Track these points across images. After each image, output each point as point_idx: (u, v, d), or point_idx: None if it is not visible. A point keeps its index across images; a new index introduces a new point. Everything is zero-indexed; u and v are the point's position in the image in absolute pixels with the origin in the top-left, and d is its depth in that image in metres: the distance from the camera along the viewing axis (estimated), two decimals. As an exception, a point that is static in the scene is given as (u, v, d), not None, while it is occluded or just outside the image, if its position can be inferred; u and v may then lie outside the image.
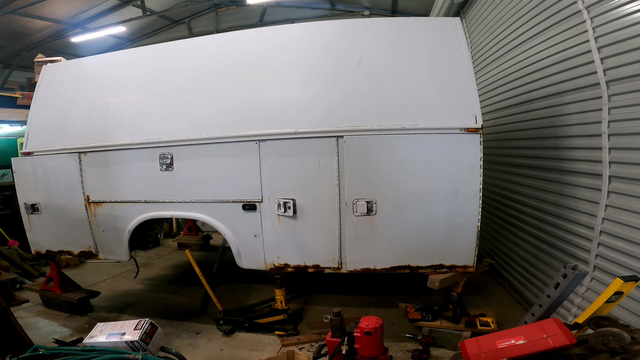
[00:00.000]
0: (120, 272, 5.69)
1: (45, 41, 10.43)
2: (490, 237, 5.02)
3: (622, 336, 1.17)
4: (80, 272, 5.72)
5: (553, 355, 1.35)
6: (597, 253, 2.89)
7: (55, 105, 3.98)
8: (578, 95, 3.18)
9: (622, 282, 1.61)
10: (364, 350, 2.45)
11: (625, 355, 1.14)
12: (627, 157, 2.67)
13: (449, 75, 3.12)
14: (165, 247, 7.22)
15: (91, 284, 5.13)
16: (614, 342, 1.17)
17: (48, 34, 10.32)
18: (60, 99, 3.98)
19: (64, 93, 3.99)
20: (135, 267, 4.58)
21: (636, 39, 2.50)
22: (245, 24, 10.74)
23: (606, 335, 1.21)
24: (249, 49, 3.53)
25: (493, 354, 1.38)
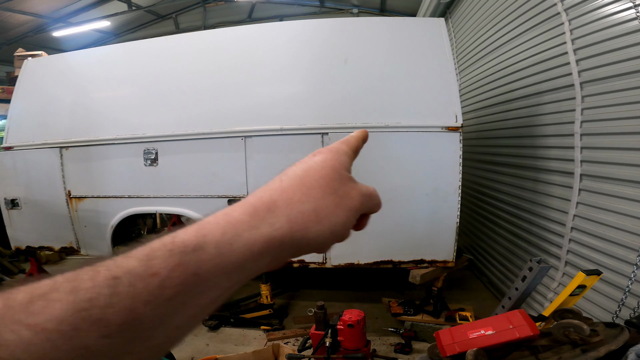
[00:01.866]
0: (103, 267, 5.61)
1: (26, 35, 10.06)
2: (470, 233, 5.17)
3: (582, 328, 1.26)
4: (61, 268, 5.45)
5: (521, 345, 1.44)
6: (569, 249, 3.02)
7: (36, 100, 3.90)
8: (554, 95, 3.28)
9: (585, 275, 1.72)
10: (347, 342, 2.52)
11: (584, 346, 1.23)
12: (597, 156, 2.78)
13: (431, 74, 3.20)
14: (150, 243, 7.14)
15: (73, 279, 5.05)
16: (574, 334, 1.26)
17: (29, 28, 9.95)
18: (42, 94, 3.91)
19: (46, 88, 3.92)
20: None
21: (610, 41, 2.58)
22: (233, 20, 10.60)
23: (567, 327, 1.30)
24: (236, 45, 3.53)
25: (464, 343, 1.47)
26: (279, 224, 0.34)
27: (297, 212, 0.35)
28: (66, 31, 9.97)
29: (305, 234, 0.35)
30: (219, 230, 0.32)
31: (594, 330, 1.31)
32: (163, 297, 0.28)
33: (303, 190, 0.36)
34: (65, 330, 0.24)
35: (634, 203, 2.42)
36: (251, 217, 0.33)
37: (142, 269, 0.28)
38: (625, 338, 1.20)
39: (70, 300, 0.25)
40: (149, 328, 0.27)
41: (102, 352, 0.25)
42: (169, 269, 0.28)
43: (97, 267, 0.28)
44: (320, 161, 0.39)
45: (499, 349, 1.48)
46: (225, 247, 0.31)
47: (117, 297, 0.26)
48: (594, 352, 1.18)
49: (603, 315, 2.57)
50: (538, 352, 1.35)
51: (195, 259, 0.30)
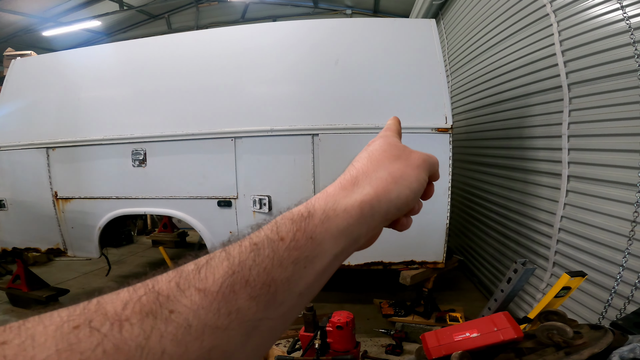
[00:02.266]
0: (91, 269, 5.54)
1: (16, 35, 9.88)
2: (460, 233, 5.19)
3: (565, 330, 1.26)
4: (49, 269, 5.54)
5: (506, 348, 1.45)
6: (556, 250, 3.05)
7: (23, 100, 3.84)
8: (543, 97, 3.30)
9: (569, 277, 1.73)
10: (336, 344, 2.52)
11: (568, 349, 1.24)
12: (584, 157, 2.81)
13: (422, 76, 3.21)
14: (139, 244, 7.07)
15: (60, 281, 4.98)
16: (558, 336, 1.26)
17: (18, 28, 9.78)
18: (29, 94, 3.85)
19: (33, 88, 3.86)
20: (106, 264, 4.48)
21: (598, 42, 2.59)
22: (226, 21, 10.52)
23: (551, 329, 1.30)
24: (227, 45, 3.50)
25: (450, 346, 1.47)
26: (366, 190, 0.40)
27: (376, 179, 0.42)
28: (56, 31, 9.83)
29: (388, 195, 0.41)
30: (322, 201, 0.39)
31: (577, 333, 1.32)
32: (290, 259, 0.33)
33: (374, 164, 0.43)
34: (225, 291, 0.29)
35: (620, 204, 2.45)
36: (343, 189, 0.41)
37: (273, 235, 0.34)
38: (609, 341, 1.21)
39: (226, 264, 0.30)
40: (281, 291, 0.32)
41: (250, 315, 0.29)
42: (292, 233, 0.34)
43: (241, 240, 0.34)
44: (377, 143, 0.47)
45: (485, 352, 1.48)
46: (330, 212, 0.37)
47: (259, 259, 0.32)
48: (577, 355, 1.18)
49: (590, 315, 2.59)
50: (523, 355, 1.35)
51: (310, 224, 0.36)
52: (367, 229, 0.40)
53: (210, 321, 0.27)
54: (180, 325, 0.26)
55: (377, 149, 0.46)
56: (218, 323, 0.28)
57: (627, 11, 2.31)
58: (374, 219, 0.40)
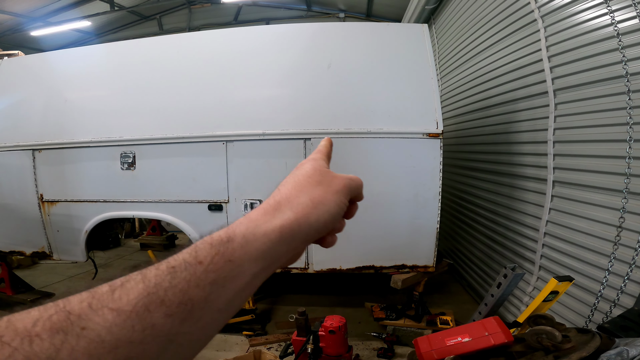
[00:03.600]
0: (77, 273, 5.43)
1: (4, 34, 9.64)
2: (450, 237, 5.26)
3: (554, 334, 1.29)
4: (33, 273, 5.40)
5: (497, 352, 1.48)
6: (542, 254, 3.11)
7: (9, 101, 3.75)
8: (529, 103, 3.35)
9: (557, 282, 1.77)
10: (329, 348, 2.52)
11: (557, 353, 1.27)
12: (569, 163, 2.87)
13: (414, 80, 3.24)
14: (127, 248, 6.95)
15: (45, 285, 4.86)
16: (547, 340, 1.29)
17: (6, 28, 9.54)
18: (15, 95, 3.76)
19: (19, 89, 3.77)
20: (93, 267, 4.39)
21: (583, 48, 2.64)
22: (219, 22, 10.45)
23: (540, 333, 1.33)
24: (218, 48, 3.48)
25: (442, 351, 1.49)
26: (287, 215, 0.42)
27: (297, 204, 0.44)
28: (45, 31, 9.63)
29: (308, 219, 0.43)
30: (243, 226, 0.41)
31: (566, 337, 1.35)
32: (207, 280, 0.35)
33: (297, 189, 0.46)
34: (139, 310, 0.31)
35: (604, 209, 2.52)
36: (265, 214, 0.43)
37: (191, 259, 0.36)
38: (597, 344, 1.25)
39: (141, 286, 0.32)
40: (198, 309, 0.34)
41: (165, 330, 0.32)
42: (210, 257, 0.36)
43: (157, 263, 0.35)
44: (304, 168, 0.50)
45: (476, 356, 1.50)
46: (249, 236, 0.40)
47: (176, 281, 0.34)
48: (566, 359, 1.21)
49: (576, 319, 2.65)
50: (513, 359, 1.38)
51: (229, 248, 0.38)
52: (287, 249, 0.42)
53: (124, 336, 0.29)
54: (93, 340, 0.28)
55: (302, 173, 0.48)
56: (133, 338, 0.30)
57: (615, 16, 2.36)
58: (294, 241, 0.43)
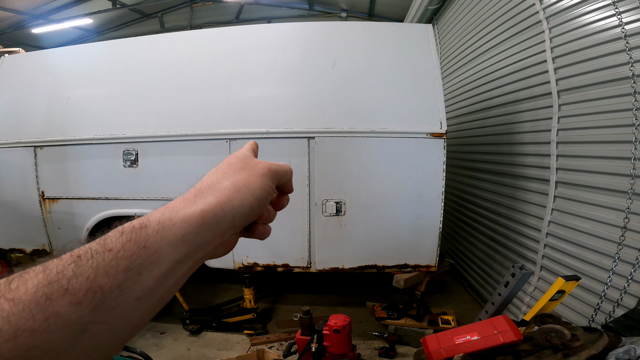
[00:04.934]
0: (78, 271, 5.41)
1: (4, 32, 9.58)
2: (451, 237, 5.27)
3: (563, 333, 1.30)
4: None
5: (504, 350, 1.48)
6: (544, 254, 3.12)
7: (11, 98, 3.73)
8: (532, 103, 3.37)
9: (564, 281, 1.78)
10: (333, 347, 2.52)
11: (566, 351, 1.27)
12: (572, 164, 2.88)
13: (418, 80, 3.24)
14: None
15: (45, 284, 4.84)
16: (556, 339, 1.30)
17: (7, 25, 9.47)
18: (17, 92, 3.74)
19: (22, 85, 3.75)
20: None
21: (588, 50, 2.65)
22: (220, 21, 10.42)
23: (549, 332, 1.34)
24: (222, 46, 3.48)
25: (451, 349, 1.49)
26: (208, 200, 0.41)
27: (219, 189, 0.43)
28: (46, 28, 9.58)
29: (231, 203, 0.42)
30: (159, 213, 0.39)
31: (574, 335, 1.36)
32: (119, 267, 0.34)
33: (220, 176, 0.45)
34: (39, 299, 0.30)
35: (607, 210, 2.53)
36: (184, 201, 0.41)
37: (99, 247, 0.34)
38: (605, 342, 1.25)
39: (41, 276, 0.31)
40: (111, 297, 0.33)
41: (73, 319, 0.30)
42: (120, 244, 0.35)
43: (63, 255, 0.34)
44: (226, 158, 0.49)
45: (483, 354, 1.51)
46: (166, 222, 0.38)
47: (81, 269, 0.32)
48: (575, 357, 1.22)
49: (579, 320, 2.66)
50: (521, 357, 1.38)
51: (142, 234, 0.36)
52: (213, 235, 0.41)
53: (24, 325, 0.29)
54: None
55: (224, 163, 0.48)
56: (34, 326, 0.29)
57: (623, 17, 2.37)
58: (219, 226, 0.41)
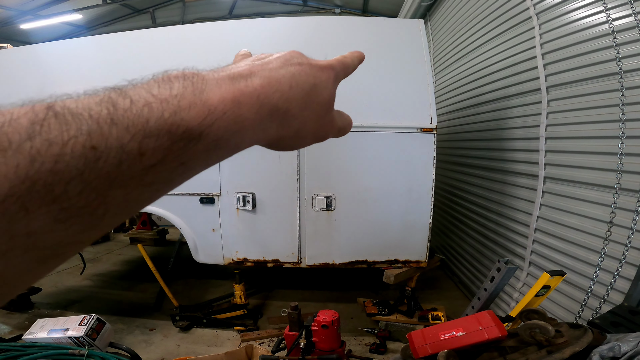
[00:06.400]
0: (65, 267, 5.32)
1: None
2: (442, 233, 5.29)
3: (547, 329, 1.30)
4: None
5: (490, 346, 1.48)
6: (532, 249, 3.14)
7: (-2, 93, 3.64)
8: (522, 99, 3.37)
9: (550, 276, 1.79)
10: (322, 343, 2.51)
11: (550, 348, 1.27)
12: (560, 159, 2.89)
13: (409, 76, 3.23)
14: (116, 242, 6.86)
15: (32, 280, 4.77)
16: (540, 335, 1.30)
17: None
18: (4, 87, 3.64)
19: (8, 81, 3.66)
20: (81, 262, 4.32)
21: (577, 46, 2.66)
22: (213, 17, 10.26)
23: (533, 328, 1.34)
24: (212, 41, 3.42)
25: (436, 345, 1.49)
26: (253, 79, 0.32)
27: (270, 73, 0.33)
28: (35, 24, 9.40)
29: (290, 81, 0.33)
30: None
31: (558, 331, 1.36)
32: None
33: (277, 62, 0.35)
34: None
35: (595, 205, 2.54)
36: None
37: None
38: (589, 339, 1.25)
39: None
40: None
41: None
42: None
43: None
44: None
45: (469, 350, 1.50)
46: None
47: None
48: (559, 354, 1.22)
49: (566, 315, 2.69)
50: (506, 354, 1.38)
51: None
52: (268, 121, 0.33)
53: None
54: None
55: (280, 55, 0.37)
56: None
57: (611, 14, 2.37)
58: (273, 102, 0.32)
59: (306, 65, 0.36)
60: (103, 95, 0.25)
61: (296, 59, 0.36)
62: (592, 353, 1.21)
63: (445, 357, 1.41)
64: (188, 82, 0.29)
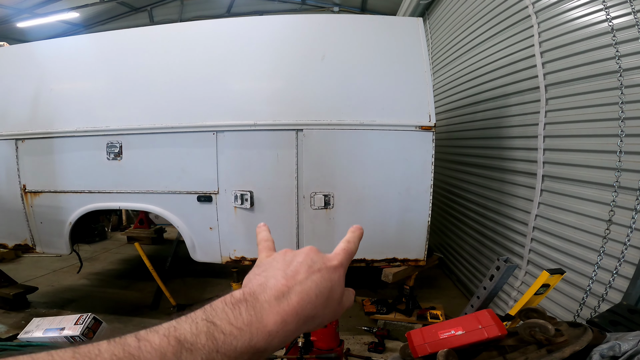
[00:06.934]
0: (61, 266, 5.31)
1: None
2: (440, 232, 5.29)
3: (547, 328, 1.29)
4: (17, 266, 5.27)
5: (489, 345, 1.47)
6: (531, 248, 3.14)
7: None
8: (521, 98, 3.38)
9: (549, 275, 1.78)
10: (320, 342, 2.50)
11: (550, 347, 1.26)
12: (558, 157, 2.89)
13: (407, 73, 3.21)
14: (114, 241, 6.82)
15: (28, 279, 4.74)
16: (540, 334, 1.29)
17: None
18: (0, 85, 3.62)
19: (4, 79, 3.64)
20: (78, 261, 4.29)
21: (576, 44, 2.65)
22: (211, 15, 10.20)
23: (533, 327, 1.33)
24: (210, 38, 3.39)
25: (436, 344, 1.47)
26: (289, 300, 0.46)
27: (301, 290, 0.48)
28: (31, 22, 9.34)
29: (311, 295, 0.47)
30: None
31: (558, 330, 1.34)
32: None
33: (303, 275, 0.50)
34: None
35: (593, 204, 2.54)
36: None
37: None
38: (589, 338, 1.24)
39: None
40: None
41: None
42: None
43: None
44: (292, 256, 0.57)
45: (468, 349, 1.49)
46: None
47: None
48: (559, 353, 1.21)
49: (565, 314, 2.68)
50: (506, 353, 1.37)
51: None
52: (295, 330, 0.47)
53: None
54: None
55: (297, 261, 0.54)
56: None
57: (610, 12, 2.36)
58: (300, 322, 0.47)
59: (324, 270, 0.50)
60: (205, 328, 0.39)
61: (317, 265, 0.50)
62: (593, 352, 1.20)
63: (444, 357, 1.40)
64: (250, 309, 0.42)
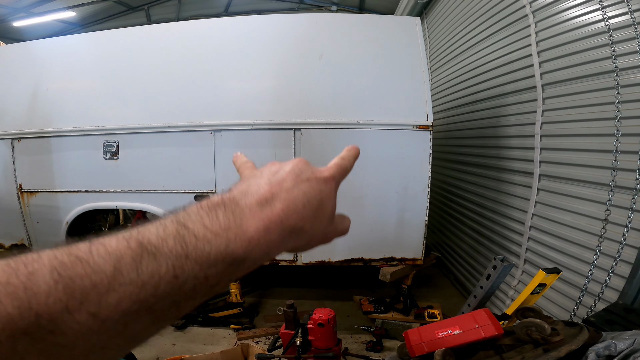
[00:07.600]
0: (60, 265, 5.28)
1: None
2: (438, 231, 5.30)
3: (543, 327, 1.30)
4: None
5: (486, 345, 1.48)
6: (528, 247, 3.15)
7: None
8: (517, 97, 3.37)
9: (545, 274, 1.79)
10: (318, 341, 2.50)
11: (546, 346, 1.27)
12: (555, 156, 2.89)
13: (405, 73, 3.21)
14: (111, 239, 6.80)
15: (25, 279, 4.72)
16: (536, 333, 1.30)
17: None
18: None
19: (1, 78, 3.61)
20: (76, 261, 4.27)
21: (572, 44, 2.66)
22: (209, 14, 10.16)
23: (529, 326, 1.34)
24: (207, 37, 3.38)
25: (433, 343, 1.48)
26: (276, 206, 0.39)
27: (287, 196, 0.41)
28: (28, 21, 9.29)
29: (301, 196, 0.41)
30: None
31: (554, 330, 1.36)
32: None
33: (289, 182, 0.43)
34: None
35: (589, 203, 2.55)
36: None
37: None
38: (585, 337, 1.25)
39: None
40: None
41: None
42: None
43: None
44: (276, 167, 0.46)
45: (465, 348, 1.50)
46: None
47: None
48: (555, 352, 1.22)
49: (561, 313, 2.70)
50: (502, 352, 1.38)
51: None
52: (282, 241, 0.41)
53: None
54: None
55: (286, 170, 0.46)
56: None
57: (607, 12, 2.37)
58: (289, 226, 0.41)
59: (313, 180, 0.44)
60: (174, 231, 0.34)
61: (305, 174, 0.44)
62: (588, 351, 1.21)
63: (441, 356, 1.41)
64: (229, 213, 0.37)
